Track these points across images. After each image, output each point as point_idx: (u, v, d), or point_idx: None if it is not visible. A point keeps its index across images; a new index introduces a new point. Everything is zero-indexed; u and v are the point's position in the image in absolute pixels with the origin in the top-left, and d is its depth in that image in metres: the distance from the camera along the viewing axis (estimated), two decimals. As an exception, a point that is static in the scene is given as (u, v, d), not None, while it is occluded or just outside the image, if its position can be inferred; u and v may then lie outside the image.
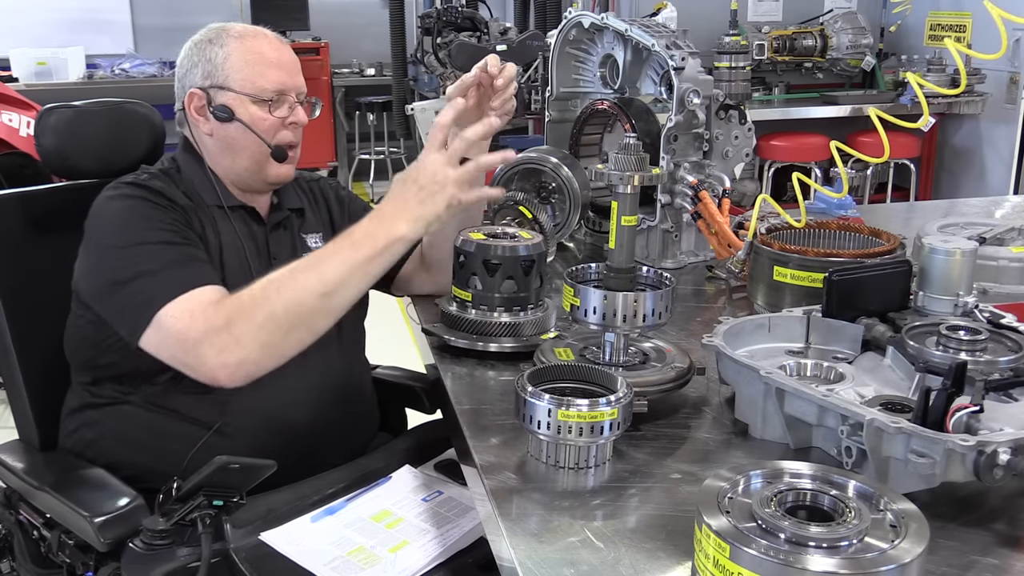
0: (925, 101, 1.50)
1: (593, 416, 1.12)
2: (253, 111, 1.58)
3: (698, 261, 1.96)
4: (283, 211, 1.69)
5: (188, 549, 1.33)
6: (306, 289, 1.36)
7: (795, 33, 5.37)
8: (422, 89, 6.55)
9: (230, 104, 1.57)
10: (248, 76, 1.58)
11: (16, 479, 1.58)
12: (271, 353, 1.36)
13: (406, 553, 1.34)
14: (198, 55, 1.60)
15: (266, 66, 1.59)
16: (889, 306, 1.35)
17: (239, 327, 1.34)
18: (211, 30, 1.63)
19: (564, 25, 2.12)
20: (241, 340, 1.34)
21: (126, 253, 1.44)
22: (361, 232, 1.39)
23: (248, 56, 1.59)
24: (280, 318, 1.35)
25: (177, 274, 1.41)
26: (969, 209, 2.60)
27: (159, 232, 1.46)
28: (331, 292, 1.36)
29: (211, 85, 1.58)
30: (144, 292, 1.40)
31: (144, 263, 1.42)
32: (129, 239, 1.46)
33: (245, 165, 1.60)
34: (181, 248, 1.46)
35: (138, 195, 1.51)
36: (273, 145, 1.59)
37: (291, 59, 1.63)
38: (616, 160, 1.28)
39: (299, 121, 1.63)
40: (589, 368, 1.23)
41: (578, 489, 1.11)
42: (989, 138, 5.21)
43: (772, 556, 0.78)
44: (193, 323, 1.36)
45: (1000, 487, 1.01)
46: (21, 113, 3.55)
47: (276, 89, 1.59)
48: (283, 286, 1.36)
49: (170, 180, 1.58)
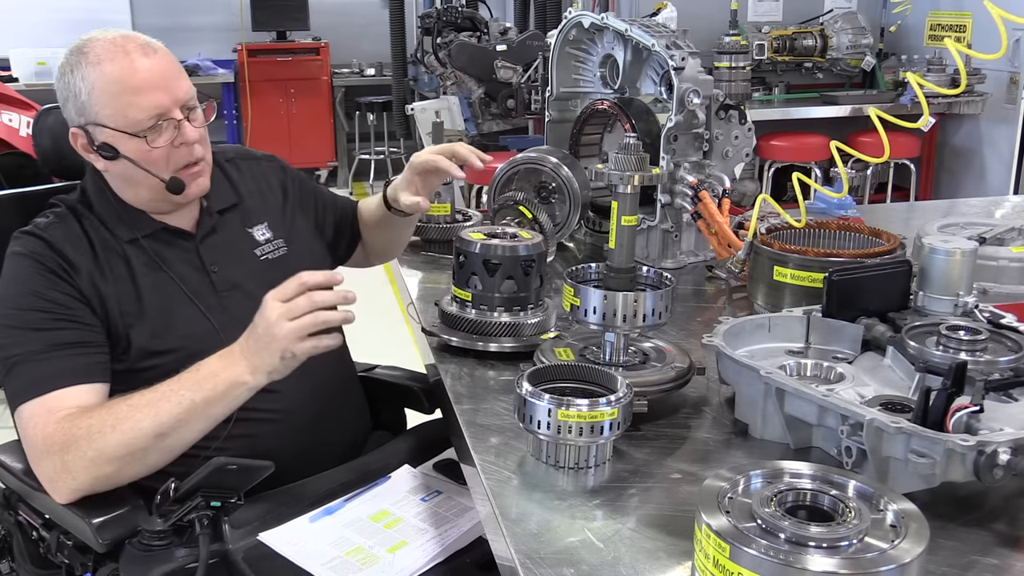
0: (925, 101, 1.50)
1: (593, 416, 1.12)
2: (135, 145, 1.44)
3: (698, 261, 1.96)
4: (212, 216, 1.59)
5: (186, 550, 1.33)
6: (140, 428, 1.31)
7: (795, 33, 5.37)
8: (422, 89, 6.55)
9: (110, 141, 1.45)
10: (117, 109, 1.43)
11: (15, 480, 1.58)
12: (104, 483, 1.34)
13: (404, 553, 1.34)
14: (65, 88, 1.46)
15: (133, 93, 1.42)
16: (889, 306, 1.35)
17: (71, 456, 1.32)
18: (71, 55, 1.46)
19: (564, 25, 2.12)
20: (72, 470, 1.32)
21: (6, 332, 1.41)
22: (207, 371, 1.34)
23: (111, 87, 1.42)
24: (110, 454, 1.31)
25: (36, 370, 1.37)
26: (969, 209, 2.60)
27: (35, 314, 1.40)
28: (165, 433, 1.32)
29: (86, 122, 1.45)
30: (12, 380, 1.39)
31: (10, 349, 1.39)
32: (8, 316, 1.42)
33: (148, 196, 1.51)
34: (54, 334, 1.40)
35: (31, 253, 1.44)
36: (168, 178, 1.47)
37: (163, 70, 1.46)
38: (616, 160, 1.28)
39: (187, 140, 1.47)
40: (589, 368, 1.23)
41: (578, 489, 1.11)
42: (989, 138, 5.21)
43: (772, 556, 0.78)
44: (35, 438, 1.35)
45: (1000, 487, 1.01)
46: (21, 113, 3.55)
47: (151, 116, 1.43)
48: (119, 422, 1.32)
49: (76, 221, 1.49)
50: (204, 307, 1.51)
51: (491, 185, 2.02)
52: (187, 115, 1.48)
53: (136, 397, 1.35)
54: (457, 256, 1.53)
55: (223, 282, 1.55)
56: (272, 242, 1.64)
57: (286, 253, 1.65)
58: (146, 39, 1.48)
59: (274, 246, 1.64)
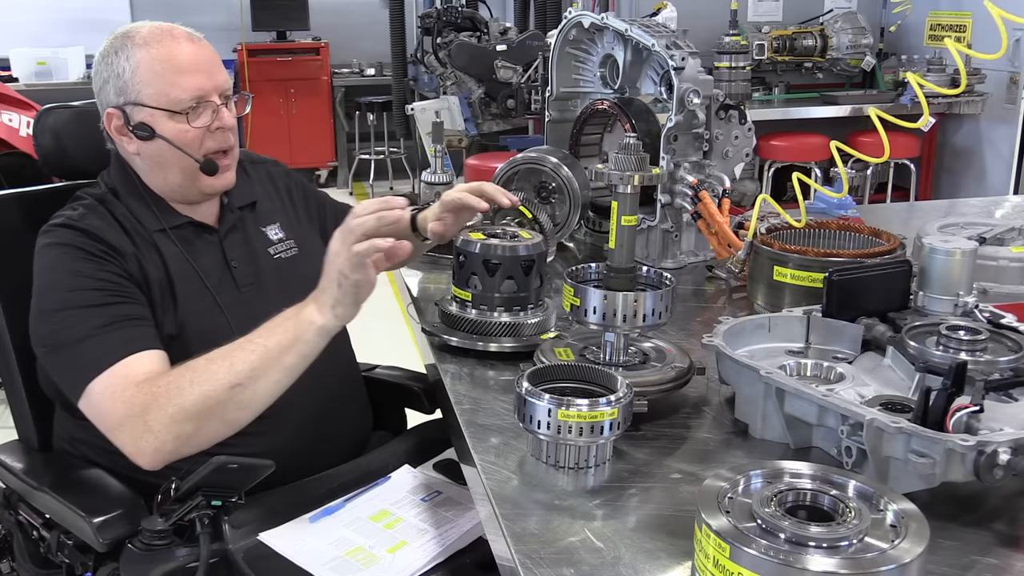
0: (925, 101, 1.50)
1: (593, 416, 1.12)
2: (172, 125, 1.48)
3: (698, 261, 1.96)
4: (233, 212, 1.63)
5: (187, 549, 1.33)
6: (216, 380, 1.30)
7: (795, 33, 5.37)
8: (422, 89, 6.55)
9: (148, 121, 1.48)
10: (160, 88, 1.47)
11: (15, 479, 1.58)
12: (186, 443, 1.32)
13: (405, 553, 1.34)
14: (107, 70, 1.50)
15: (177, 73, 1.47)
16: (889, 306, 1.35)
17: (153, 416, 1.30)
18: (116, 38, 1.52)
19: (564, 25, 2.12)
20: (154, 430, 1.30)
21: (56, 318, 1.40)
22: (279, 318, 1.34)
23: (156, 65, 1.47)
24: (190, 409, 1.29)
25: (106, 342, 1.36)
26: (969, 209, 2.60)
27: (88, 293, 1.40)
28: (242, 384, 1.30)
29: (125, 102, 1.49)
30: (74, 362, 1.38)
31: (73, 331, 1.38)
32: (59, 302, 1.41)
33: (178, 181, 1.53)
34: (111, 309, 1.40)
35: (71, 243, 1.44)
36: (202, 159, 1.51)
37: (207, 57, 1.52)
38: (616, 160, 1.28)
39: (225, 124, 1.52)
40: (589, 368, 1.23)
41: (578, 489, 1.11)
42: (989, 138, 5.21)
43: (772, 556, 0.78)
44: (114, 406, 1.33)
45: (1000, 487, 1.01)
46: (21, 113, 3.55)
47: (193, 96, 1.48)
48: (196, 375, 1.31)
49: (107, 211, 1.51)
50: (223, 302, 1.52)
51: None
52: (224, 103, 1.53)
53: (213, 352, 1.34)
54: (457, 256, 1.53)
55: (243, 277, 1.57)
56: (284, 242, 1.67)
57: (297, 254, 1.67)
58: (190, 29, 1.54)
59: (286, 246, 1.67)
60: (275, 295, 1.57)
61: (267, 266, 1.62)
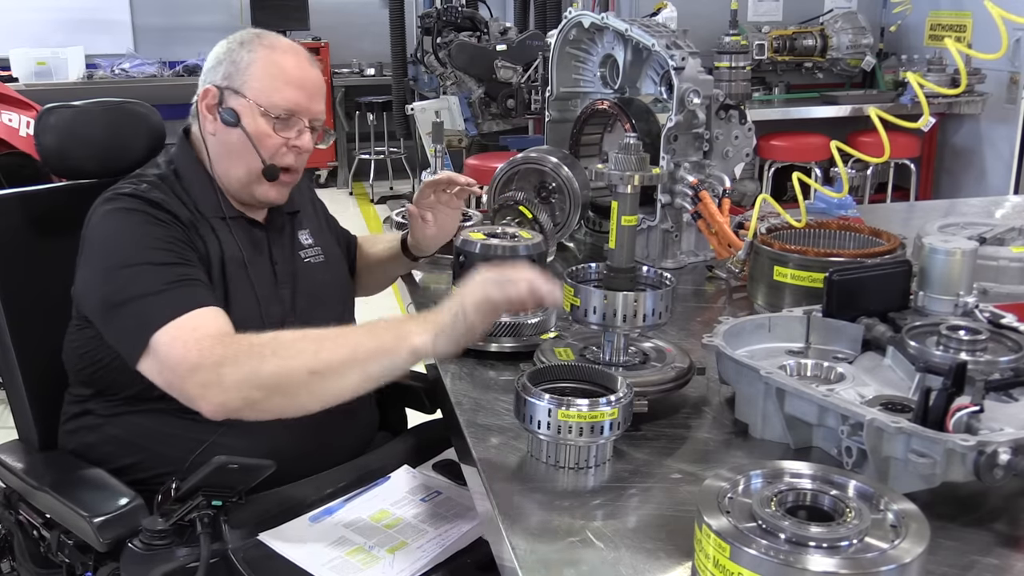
0: (925, 101, 1.50)
1: (593, 416, 1.12)
2: (259, 124, 1.54)
3: (698, 261, 1.96)
4: (281, 214, 1.68)
5: (187, 549, 1.33)
6: (300, 359, 1.30)
7: (795, 33, 5.37)
8: (422, 89, 6.55)
9: (239, 110, 1.54)
10: (264, 87, 1.54)
11: (16, 479, 1.58)
12: (252, 407, 1.31)
13: (405, 553, 1.34)
14: (226, 55, 1.57)
15: (285, 82, 1.55)
16: (889, 306, 1.35)
17: (227, 370, 1.30)
18: (248, 33, 1.60)
19: (564, 25, 2.12)
20: (225, 384, 1.30)
21: (121, 274, 1.41)
22: (381, 323, 1.33)
23: (271, 68, 1.55)
24: (265, 378, 1.29)
25: (172, 296, 1.38)
26: (969, 209, 2.60)
27: (155, 252, 1.43)
28: (322, 372, 1.29)
29: (228, 86, 1.55)
30: (139, 316, 1.37)
31: (139, 286, 1.39)
32: (125, 259, 1.42)
33: (238, 175, 1.57)
34: (177, 268, 1.42)
35: (136, 208, 1.47)
36: (268, 163, 1.55)
37: (315, 82, 1.59)
38: (616, 160, 1.28)
39: (303, 147, 1.58)
40: (589, 368, 1.23)
41: (578, 489, 1.11)
42: (989, 138, 5.21)
43: (772, 556, 0.78)
44: (187, 353, 1.32)
45: (1000, 487, 1.01)
46: (21, 113, 3.54)
47: (288, 108, 1.54)
48: (282, 347, 1.31)
49: (169, 189, 1.54)
50: (260, 295, 1.55)
51: (491, 185, 2.02)
52: (311, 130, 1.59)
53: (305, 331, 1.34)
54: (457, 256, 1.53)
55: (282, 274, 1.61)
56: (313, 247, 1.71)
57: (324, 260, 1.71)
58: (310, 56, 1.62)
59: (314, 252, 1.71)
60: (304, 297, 1.63)
61: (300, 268, 1.66)
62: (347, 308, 1.77)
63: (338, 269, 1.77)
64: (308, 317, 1.59)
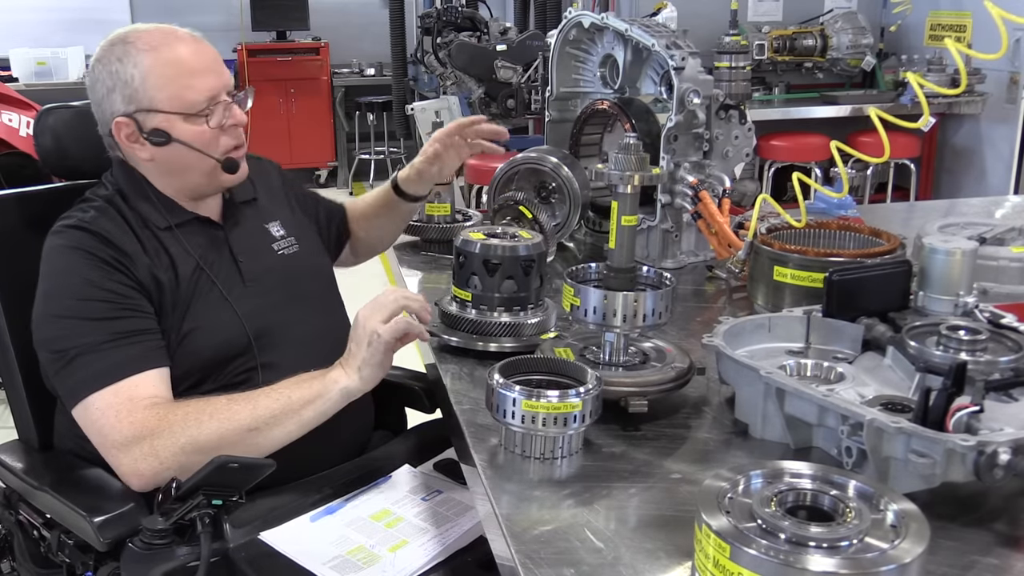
0: (925, 101, 1.49)
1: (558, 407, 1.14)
2: (190, 128, 1.48)
3: (698, 261, 1.96)
4: (237, 207, 1.64)
5: (187, 549, 1.33)
6: (236, 420, 1.35)
7: (795, 33, 5.37)
8: (422, 89, 6.55)
9: (163, 127, 1.47)
10: (174, 92, 1.47)
11: (16, 479, 1.58)
12: (187, 472, 1.32)
13: (405, 552, 1.34)
14: (111, 78, 1.48)
15: (189, 75, 1.48)
16: (889, 306, 1.35)
17: (161, 442, 1.33)
18: (115, 45, 1.49)
19: (564, 25, 2.12)
20: (160, 455, 1.34)
21: (62, 324, 1.41)
22: (307, 376, 1.41)
23: (167, 69, 1.47)
24: (203, 443, 1.33)
25: (111, 358, 1.38)
26: (969, 209, 2.60)
27: (98, 304, 1.41)
28: (259, 428, 1.36)
29: (136, 110, 1.47)
30: (75, 372, 1.39)
31: (78, 339, 1.39)
32: (65, 308, 1.42)
33: (197, 181, 1.54)
34: (118, 323, 1.41)
35: (82, 247, 1.44)
36: (223, 159, 1.52)
37: (212, 56, 1.53)
38: (616, 160, 1.28)
39: (238, 121, 1.53)
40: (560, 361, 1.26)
41: (578, 489, 1.11)
42: (989, 138, 5.21)
43: (772, 556, 0.78)
44: (118, 425, 1.35)
45: (1000, 487, 1.01)
46: (21, 113, 3.55)
47: (207, 97, 1.48)
48: (217, 412, 1.36)
49: (116, 212, 1.50)
50: (231, 297, 1.54)
51: (491, 185, 2.02)
52: (233, 100, 1.53)
53: (236, 393, 1.40)
54: (457, 256, 1.53)
55: (249, 271, 1.59)
56: (286, 239, 1.69)
57: (298, 250, 1.70)
58: (188, 29, 1.54)
59: (288, 243, 1.69)
60: (280, 289, 1.61)
61: (273, 262, 1.64)
62: (330, 295, 1.76)
63: (316, 256, 1.76)
64: (288, 310, 1.60)
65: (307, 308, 1.64)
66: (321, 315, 1.67)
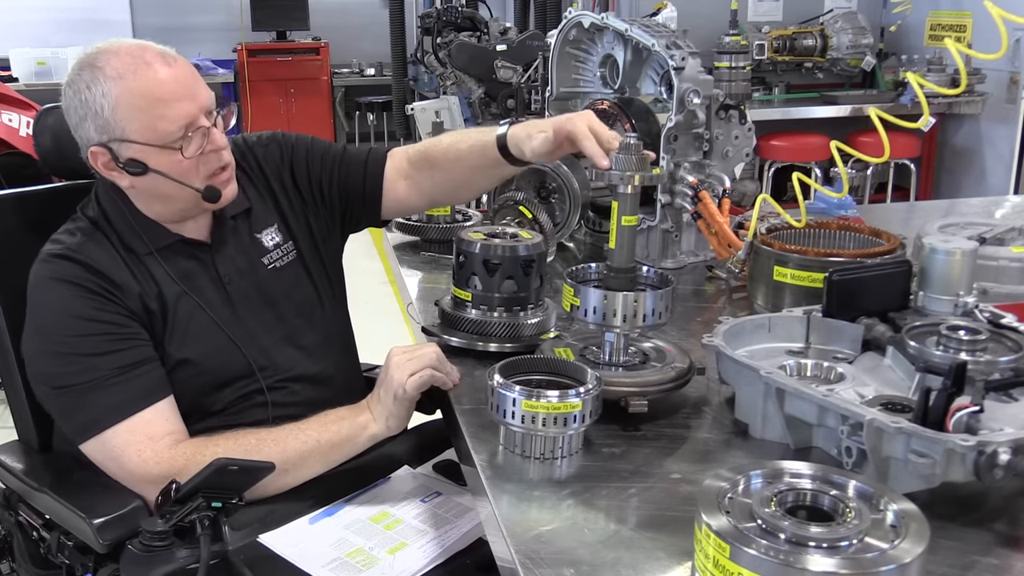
0: (925, 101, 1.49)
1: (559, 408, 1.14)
2: (167, 158, 1.40)
3: (698, 261, 1.96)
4: (226, 223, 1.56)
5: (187, 551, 1.33)
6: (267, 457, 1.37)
7: (795, 33, 5.37)
8: (422, 89, 6.55)
9: (138, 157, 1.40)
10: (145, 123, 1.38)
11: (16, 480, 1.58)
12: None
13: (405, 554, 1.34)
14: (82, 107, 1.40)
15: (161, 105, 1.38)
16: (889, 306, 1.35)
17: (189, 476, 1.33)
18: (83, 71, 1.40)
19: (564, 25, 2.12)
20: None
21: (62, 361, 1.39)
22: (334, 415, 1.44)
23: (136, 100, 1.38)
24: None
25: (117, 393, 1.37)
26: (969, 209, 2.60)
27: (95, 339, 1.39)
28: (287, 469, 1.39)
29: (110, 140, 1.40)
30: (86, 409, 1.38)
31: (81, 375, 1.37)
32: (65, 345, 1.39)
33: (180, 208, 1.48)
34: (119, 355, 1.39)
35: (72, 279, 1.40)
36: (203, 187, 1.45)
37: (186, 78, 1.42)
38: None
39: (218, 146, 1.44)
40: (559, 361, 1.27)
41: (578, 489, 1.11)
42: (989, 138, 5.21)
43: (772, 556, 0.78)
44: (143, 465, 1.36)
45: (1000, 487, 1.01)
46: (21, 113, 3.54)
47: (181, 126, 1.40)
48: (246, 453, 1.37)
49: (102, 236, 1.47)
50: (220, 320, 1.51)
51: (491, 185, 2.01)
52: (212, 121, 1.45)
53: (263, 432, 1.42)
54: (457, 256, 1.53)
55: (237, 292, 1.55)
56: (280, 247, 1.62)
57: (295, 258, 1.63)
58: (161, 47, 1.43)
59: (282, 251, 1.62)
60: (270, 308, 1.58)
61: (262, 278, 1.58)
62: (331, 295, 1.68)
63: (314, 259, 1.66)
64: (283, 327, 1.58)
65: (304, 320, 1.61)
66: (321, 322, 1.65)
